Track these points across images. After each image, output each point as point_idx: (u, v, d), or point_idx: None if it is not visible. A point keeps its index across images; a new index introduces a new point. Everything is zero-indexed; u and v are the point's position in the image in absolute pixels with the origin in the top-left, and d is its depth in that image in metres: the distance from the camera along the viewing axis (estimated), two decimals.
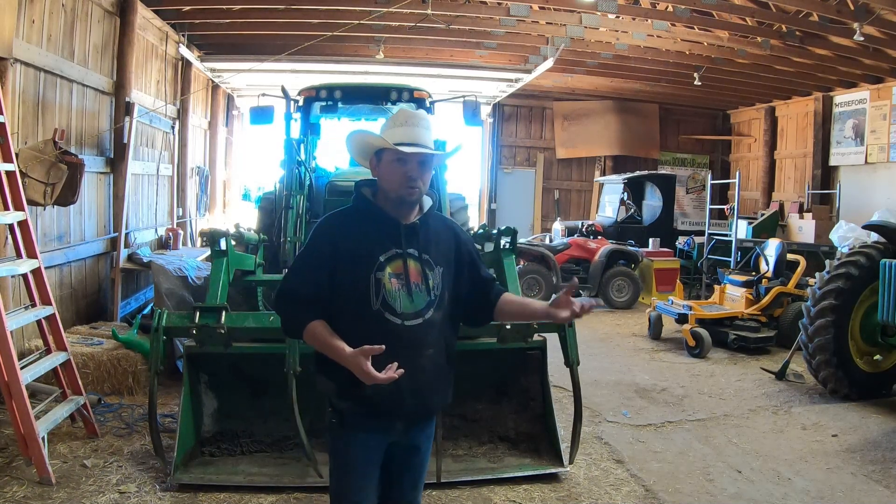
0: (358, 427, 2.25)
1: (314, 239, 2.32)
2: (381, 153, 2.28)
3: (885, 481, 4.23)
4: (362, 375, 2.08)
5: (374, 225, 2.27)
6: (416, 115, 2.30)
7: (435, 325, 2.27)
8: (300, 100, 6.43)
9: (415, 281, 2.24)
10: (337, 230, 2.29)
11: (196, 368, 4.25)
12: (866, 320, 5.94)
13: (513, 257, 4.83)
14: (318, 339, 2.19)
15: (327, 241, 2.27)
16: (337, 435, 2.30)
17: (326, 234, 2.30)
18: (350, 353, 2.10)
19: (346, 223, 2.30)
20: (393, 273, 2.22)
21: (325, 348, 2.18)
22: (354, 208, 2.35)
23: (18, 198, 4.27)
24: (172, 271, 6.38)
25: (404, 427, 2.29)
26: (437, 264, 2.30)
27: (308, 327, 2.21)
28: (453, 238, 2.40)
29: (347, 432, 2.27)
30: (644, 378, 6.53)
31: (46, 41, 5.62)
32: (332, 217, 2.37)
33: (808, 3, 8.29)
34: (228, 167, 13.85)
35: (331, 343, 2.16)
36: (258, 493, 3.77)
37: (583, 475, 4.20)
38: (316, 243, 2.30)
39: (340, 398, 2.25)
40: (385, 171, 2.26)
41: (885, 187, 10.78)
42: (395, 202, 2.27)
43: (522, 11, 8.66)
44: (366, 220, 2.29)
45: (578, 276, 10.38)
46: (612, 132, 14.91)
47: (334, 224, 2.32)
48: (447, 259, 2.34)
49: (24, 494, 3.64)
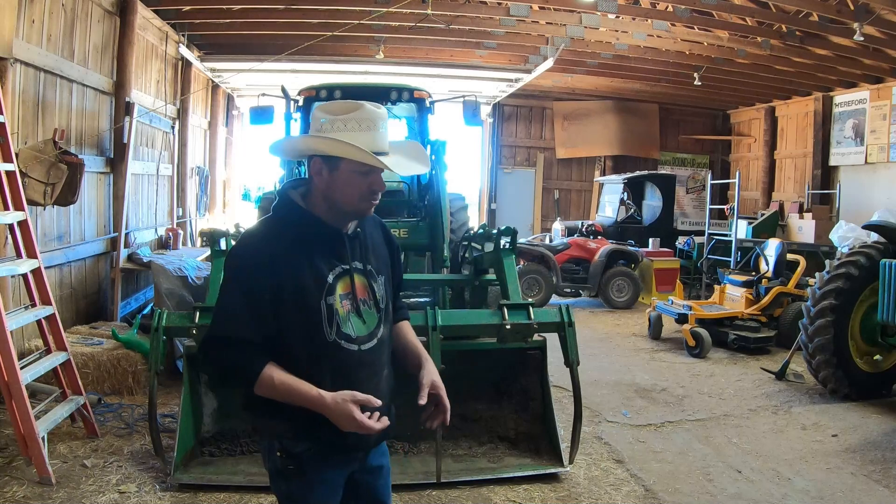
0: (318, 468, 1.94)
1: (243, 266, 1.88)
2: (337, 160, 1.87)
3: (885, 481, 4.22)
4: (354, 426, 1.79)
5: (314, 239, 1.91)
6: (381, 115, 1.91)
7: (385, 343, 2.04)
8: (300, 100, 6.43)
9: (361, 297, 1.96)
10: (271, 252, 1.86)
11: (196, 368, 4.25)
12: (866, 320, 5.94)
13: (513, 257, 4.83)
14: (278, 387, 1.82)
15: (262, 266, 1.84)
16: (293, 481, 1.94)
17: (258, 258, 1.86)
18: (333, 400, 1.79)
19: (280, 242, 1.89)
20: (343, 294, 1.92)
21: (289, 397, 1.83)
22: (285, 219, 1.94)
23: (18, 198, 4.27)
24: (172, 271, 6.38)
25: (365, 454, 2.05)
26: (380, 273, 2.04)
27: (262, 375, 1.82)
28: (384, 238, 2.15)
29: (307, 476, 1.94)
30: (644, 378, 6.53)
31: (46, 41, 5.62)
32: (260, 236, 1.95)
33: (808, 3, 8.29)
34: (228, 167, 13.85)
35: (298, 390, 1.81)
36: (258, 493, 3.76)
37: (583, 475, 4.20)
38: (247, 272, 1.86)
39: (297, 439, 1.91)
40: (342, 181, 1.88)
41: (885, 187, 10.78)
42: (341, 214, 1.93)
43: (522, 11, 8.66)
44: (302, 233, 1.91)
45: (578, 275, 10.39)
46: (612, 132, 14.92)
47: (265, 244, 1.89)
48: (385, 264, 2.09)
49: (24, 494, 3.64)
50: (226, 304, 1.89)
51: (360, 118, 1.88)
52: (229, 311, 1.87)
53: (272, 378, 1.82)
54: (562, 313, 4.11)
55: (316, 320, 1.87)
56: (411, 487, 3.90)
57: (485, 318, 4.24)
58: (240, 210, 14.55)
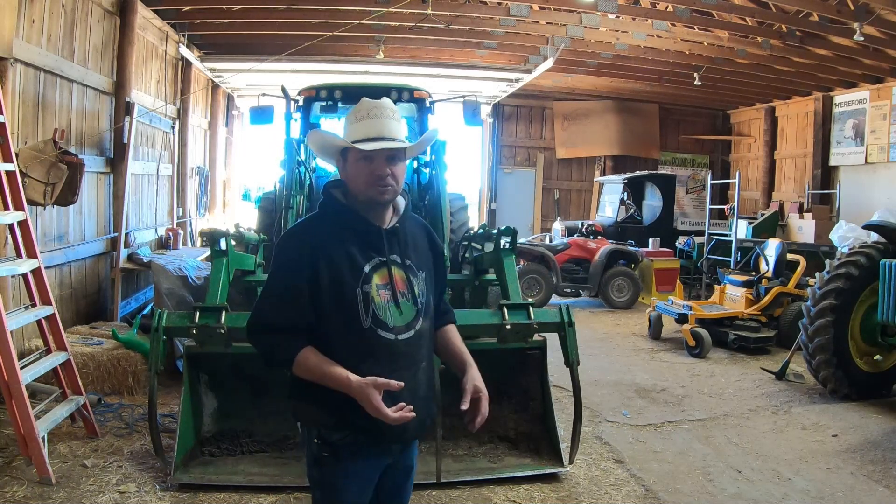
0: (352, 458, 2.02)
1: (285, 257, 2.04)
2: (345, 152, 2.06)
3: (885, 481, 4.23)
4: (372, 410, 1.87)
5: (352, 231, 2.04)
6: (380, 104, 2.04)
7: (425, 336, 2.11)
8: (300, 100, 6.43)
9: (400, 290, 2.05)
10: (312, 242, 2.01)
11: (196, 368, 4.25)
12: (866, 320, 5.94)
13: (513, 257, 4.83)
14: (313, 368, 1.95)
15: (303, 257, 1.99)
16: (326, 468, 2.04)
17: (300, 248, 2.01)
18: (357, 384, 1.89)
19: (319, 233, 2.03)
20: (380, 284, 2.02)
21: (323, 378, 1.94)
22: (325, 214, 2.10)
23: (18, 198, 4.27)
24: (172, 271, 6.38)
25: (401, 448, 2.11)
26: (420, 269, 2.13)
27: (299, 357, 1.96)
28: (428, 240, 2.25)
29: (342, 465, 2.02)
30: (644, 378, 6.53)
31: (46, 41, 5.62)
32: (302, 228, 2.11)
33: (808, 3, 8.29)
34: (228, 167, 13.84)
35: (330, 372, 1.93)
36: (258, 493, 3.77)
37: (583, 475, 4.20)
38: (289, 261, 2.02)
39: (335, 428, 2.00)
40: (352, 171, 2.04)
41: (885, 187, 10.78)
42: (366, 205, 2.05)
43: (522, 11, 8.66)
44: (341, 226, 2.05)
45: (578, 276, 10.39)
46: (612, 132, 14.92)
47: (307, 235, 2.04)
48: (427, 263, 2.19)
49: (24, 494, 3.64)
50: (268, 290, 2.06)
51: (357, 110, 2.06)
52: (272, 299, 2.03)
53: (308, 360, 1.96)
54: (562, 313, 4.11)
55: (352, 307, 1.98)
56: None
57: (485, 318, 4.25)
58: (240, 210, 14.55)
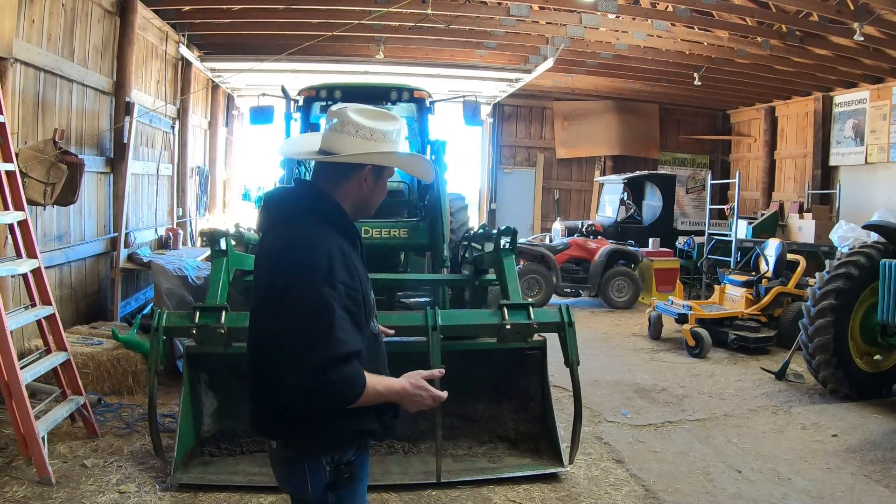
0: (362, 464, 2.01)
1: (336, 274, 1.80)
2: (382, 170, 1.98)
3: (885, 481, 4.23)
4: (434, 400, 1.90)
5: (351, 239, 1.98)
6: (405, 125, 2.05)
7: None
8: (300, 100, 6.43)
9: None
10: (345, 254, 1.88)
11: (196, 368, 4.25)
12: (866, 320, 5.94)
13: (513, 257, 4.83)
14: (375, 384, 1.82)
15: (351, 271, 1.86)
16: (346, 487, 1.94)
17: (344, 261, 1.85)
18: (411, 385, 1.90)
19: (342, 243, 1.91)
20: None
21: (380, 395, 1.84)
22: (334, 222, 1.94)
23: (18, 198, 4.28)
24: (172, 271, 6.38)
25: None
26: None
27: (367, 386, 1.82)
28: None
29: (356, 476, 1.97)
30: (644, 378, 6.53)
31: (46, 41, 5.62)
32: (331, 238, 1.89)
33: (808, 3, 8.29)
34: (228, 167, 13.84)
35: (387, 384, 1.87)
36: (258, 493, 3.77)
37: (583, 475, 4.20)
38: (340, 278, 1.81)
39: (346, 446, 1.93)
40: (381, 188, 2.02)
41: (885, 187, 10.78)
42: (352, 216, 2.00)
43: (522, 11, 8.66)
44: (346, 235, 1.96)
45: (578, 275, 10.39)
46: (612, 132, 14.92)
47: (340, 247, 1.88)
48: None
49: (24, 494, 3.64)
50: (329, 318, 1.75)
51: (401, 130, 2.01)
52: (336, 324, 1.75)
53: (368, 383, 1.80)
54: (562, 313, 4.11)
55: (367, 313, 1.95)
56: (411, 487, 3.90)
57: (485, 318, 4.25)
58: (240, 210, 14.54)
